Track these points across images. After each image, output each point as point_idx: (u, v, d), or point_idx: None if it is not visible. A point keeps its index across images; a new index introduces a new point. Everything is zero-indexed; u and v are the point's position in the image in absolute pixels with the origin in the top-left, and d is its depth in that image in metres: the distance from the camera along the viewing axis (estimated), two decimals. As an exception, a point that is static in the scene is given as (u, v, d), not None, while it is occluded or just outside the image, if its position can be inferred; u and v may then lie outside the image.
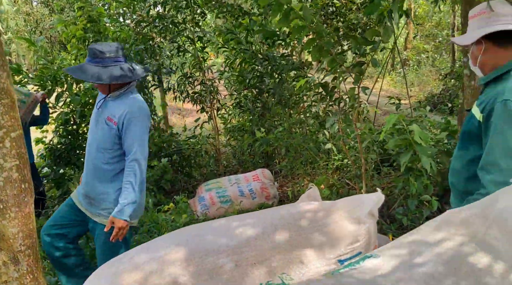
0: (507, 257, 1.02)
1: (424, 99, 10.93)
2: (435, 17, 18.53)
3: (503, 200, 1.10)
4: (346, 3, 7.01)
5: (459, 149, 1.83)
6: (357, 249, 1.58)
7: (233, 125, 6.40)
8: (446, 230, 1.16)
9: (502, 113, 1.52)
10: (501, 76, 1.67)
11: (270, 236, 1.55)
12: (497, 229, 1.06)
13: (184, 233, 1.67)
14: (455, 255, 1.07)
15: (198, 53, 5.62)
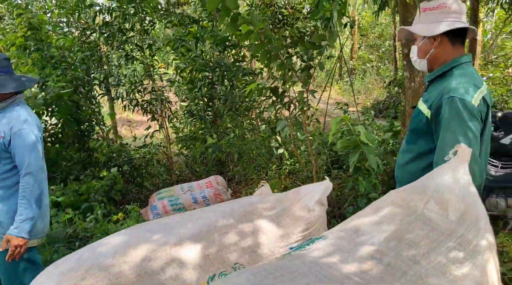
0: (443, 227, 1.09)
1: (370, 106, 11.37)
2: (377, 28, 19.42)
3: (438, 176, 1.18)
4: (293, 12, 7.20)
5: (407, 143, 1.91)
6: (308, 237, 1.62)
7: (184, 134, 6.35)
8: (389, 208, 1.22)
9: (449, 109, 1.60)
10: (445, 73, 1.77)
11: (223, 228, 1.56)
12: (434, 203, 1.13)
13: (134, 231, 1.64)
14: (397, 229, 1.13)
15: (147, 61, 5.54)
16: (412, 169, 1.84)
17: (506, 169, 4.01)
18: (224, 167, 5.74)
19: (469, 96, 1.61)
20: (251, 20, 3.17)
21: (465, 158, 1.18)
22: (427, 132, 1.75)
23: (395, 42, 13.27)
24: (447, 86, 1.67)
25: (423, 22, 1.82)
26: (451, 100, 1.61)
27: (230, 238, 1.54)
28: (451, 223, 1.10)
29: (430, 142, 1.71)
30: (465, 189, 1.14)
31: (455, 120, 1.58)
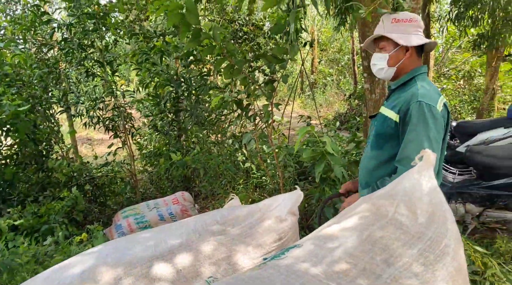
0: (413, 230, 1.13)
1: (332, 118, 11.62)
2: (336, 43, 19.99)
3: (407, 181, 1.22)
4: (254, 29, 7.32)
5: (374, 149, 1.97)
6: (282, 246, 1.62)
7: (149, 150, 6.25)
8: (361, 214, 1.24)
9: (416, 112, 1.71)
10: (408, 82, 1.90)
11: (195, 242, 1.53)
12: (403, 207, 1.17)
13: (104, 249, 1.59)
14: (370, 234, 1.15)
15: (109, 77, 5.43)
16: (381, 174, 1.90)
17: (463, 175, 4.19)
18: (190, 182, 5.68)
19: (434, 102, 1.74)
20: (213, 35, 3.19)
21: (430, 163, 1.23)
22: (394, 136, 1.84)
23: (354, 56, 13.70)
24: (414, 92, 1.78)
25: (394, 32, 1.90)
26: (419, 104, 1.71)
27: (203, 252, 1.52)
28: (421, 225, 1.13)
29: (397, 146, 1.80)
30: (431, 193, 1.19)
31: (421, 123, 1.69)
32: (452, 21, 8.70)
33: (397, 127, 1.80)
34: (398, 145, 1.80)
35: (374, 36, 1.96)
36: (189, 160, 4.83)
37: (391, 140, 1.84)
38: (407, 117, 1.74)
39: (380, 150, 1.91)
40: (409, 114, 1.73)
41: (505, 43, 8.64)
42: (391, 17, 1.92)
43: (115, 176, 5.54)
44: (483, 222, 3.83)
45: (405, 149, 1.72)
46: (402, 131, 1.77)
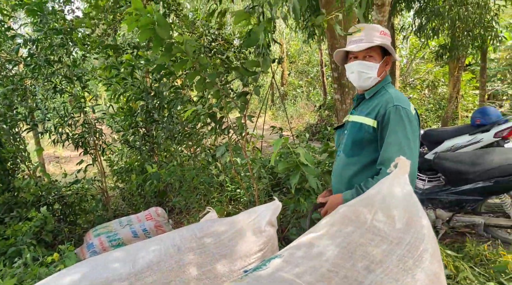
0: (392, 236, 1.15)
1: (303, 129, 11.76)
2: (305, 55, 20.34)
3: (384, 189, 1.25)
4: (223, 43, 7.36)
5: (350, 156, 2.01)
6: (262, 257, 1.61)
7: (120, 166, 6.13)
8: (340, 222, 1.26)
9: (394, 116, 1.80)
10: (379, 91, 2.00)
11: (174, 257, 1.51)
12: (381, 214, 1.20)
13: (79, 268, 1.54)
14: (350, 242, 1.17)
15: (77, 93, 5.32)
16: (362, 178, 1.94)
17: (432, 182, 4.32)
18: (164, 198, 5.60)
19: (408, 106, 1.84)
20: (186, 48, 3.19)
21: (405, 170, 1.26)
22: (372, 141, 1.90)
23: (323, 68, 13.96)
24: (389, 97, 1.86)
25: (385, 43, 1.98)
26: (396, 108, 1.80)
27: (182, 267, 1.50)
28: (399, 231, 1.16)
29: (375, 150, 1.85)
30: (407, 199, 1.22)
31: (399, 125, 1.77)
32: (415, 33, 9.02)
33: (375, 133, 1.87)
34: (377, 150, 1.86)
35: (371, 45, 1.97)
36: (164, 173, 4.77)
37: (369, 145, 1.90)
38: (384, 121, 1.82)
39: (359, 156, 1.96)
40: (387, 118, 1.81)
41: (465, 54, 9.01)
42: (378, 28, 2.00)
43: (85, 193, 5.40)
44: (453, 227, 3.94)
45: (386, 152, 1.78)
46: (380, 135, 1.84)
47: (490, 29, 8.36)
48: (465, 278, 3.01)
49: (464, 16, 7.91)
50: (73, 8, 6.54)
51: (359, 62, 1.99)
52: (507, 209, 3.67)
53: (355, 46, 1.97)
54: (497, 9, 8.65)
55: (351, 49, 1.98)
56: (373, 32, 1.98)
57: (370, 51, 1.98)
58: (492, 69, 13.67)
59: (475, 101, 12.75)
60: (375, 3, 3.22)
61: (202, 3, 16.82)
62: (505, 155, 3.58)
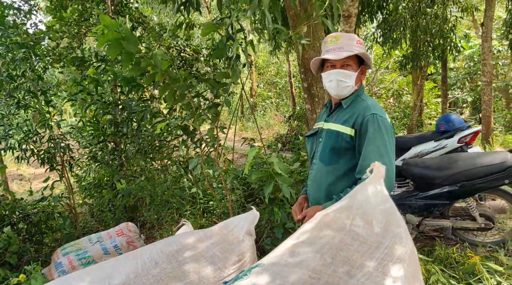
0: (370, 241, 1.17)
1: (274, 140, 11.82)
2: (273, 67, 20.56)
3: (361, 194, 1.27)
4: (192, 54, 7.37)
5: (327, 165, 2.01)
6: (241, 268, 1.60)
7: (88, 182, 5.97)
8: (319, 229, 1.27)
9: (372, 124, 1.82)
10: (355, 99, 2.02)
11: (151, 271, 1.48)
12: (359, 219, 1.22)
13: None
14: (330, 248, 1.19)
15: (42, 108, 5.17)
16: (341, 186, 1.94)
17: (401, 188, 4.42)
18: (134, 212, 5.48)
19: (386, 115, 1.88)
20: (155, 61, 3.18)
21: (380, 175, 1.29)
22: (349, 149, 1.91)
23: (291, 79, 14.14)
24: (366, 106, 1.89)
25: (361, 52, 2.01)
26: (374, 116, 1.83)
27: (160, 281, 1.46)
28: (377, 235, 1.18)
29: (353, 158, 1.87)
30: (384, 203, 1.25)
31: (377, 134, 1.80)
32: (378, 43, 9.30)
33: (353, 141, 1.88)
34: (354, 158, 1.88)
35: (351, 54, 1.97)
36: (135, 188, 4.68)
37: (346, 153, 1.91)
38: (362, 129, 1.84)
39: (336, 164, 1.96)
40: (365, 127, 1.83)
41: (427, 63, 9.35)
42: (355, 38, 2.02)
43: (52, 211, 5.22)
44: (423, 231, 4.04)
45: (365, 160, 1.79)
46: (358, 144, 1.86)
47: (449, 39, 8.72)
48: (436, 281, 3.08)
49: (424, 27, 8.23)
50: (36, 22, 6.41)
51: (338, 70, 1.98)
52: (472, 212, 3.80)
53: (334, 55, 1.95)
54: (455, 20, 9.05)
55: (330, 57, 1.96)
56: (351, 41, 1.99)
57: (348, 60, 1.98)
58: (452, 78, 14.23)
59: (437, 108, 13.20)
60: (342, 15, 3.30)
61: (169, 16, 16.78)
62: (469, 160, 3.72)
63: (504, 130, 11.07)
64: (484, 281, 3.02)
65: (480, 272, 3.10)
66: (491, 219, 3.80)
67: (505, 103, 12.81)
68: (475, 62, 13.24)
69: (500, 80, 12.82)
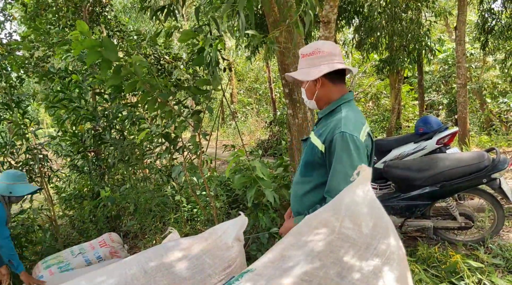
0: (360, 242, 1.19)
1: (256, 145, 11.84)
2: (252, 73, 20.65)
3: (347, 196, 1.30)
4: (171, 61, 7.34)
5: (303, 175, 2.00)
6: (231, 273, 1.60)
7: (68, 193, 5.86)
8: (309, 232, 1.29)
9: (340, 143, 1.75)
10: (334, 110, 1.94)
11: (140, 280, 1.46)
12: (348, 220, 1.24)
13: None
14: (320, 250, 1.20)
15: (18, 120, 5.06)
16: (310, 200, 1.92)
17: (383, 190, 4.49)
18: (116, 222, 5.40)
19: (357, 132, 1.80)
20: (135, 69, 3.16)
21: (367, 177, 1.32)
22: (322, 164, 1.87)
23: (271, 84, 14.21)
24: (338, 122, 1.82)
25: (304, 67, 1.96)
26: (342, 135, 1.76)
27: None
28: (366, 236, 1.20)
29: (325, 174, 1.83)
30: (371, 204, 1.27)
31: (344, 153, 1.74)
32: (356, 47, 9.45)
33: (324, 157, 1.86)
34: (326, 174, 1.84)
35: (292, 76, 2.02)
36: (118, 196, 4.62)
37: (319, 168, 1.89)
38: (331, 147, 1.79)
39: (309, 177, 1.95)
40: (333, 145, 1.78)
41: (403, 67, 9.55)
42: (303, 52, 2.00)
43: (32, 224, 5.10)
44: (405, 232, 4.10)
45: (332, 180, 1.76)
46: (328, 161, 1.83)
47: (424, 43, 8.92)
48: (420, 280, 3.13)
49: (399, 31, 8.41)
50: (11, 32, 6.29)
51: (302, 89, 2.04)
52: (453, 212, 3.88)
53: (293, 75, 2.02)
54: (429, 24, 9.28)
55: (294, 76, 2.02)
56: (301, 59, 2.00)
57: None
58: (428, 81, 14.54)
59: (415, 111, 13.46)
60: (321, 21, 3.35)
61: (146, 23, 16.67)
62: (448, 161, 3.81)
63: (479, 131, 11.37)
64: (465, 279, 3.08)
65: (462, 270, 3.16)
66: (471, 218, 3.88)
67: (479, 104, 13.16)
68: (449, 65, 13.58)
69: (473, 82, 13.18)
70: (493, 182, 3.65)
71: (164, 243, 1.83)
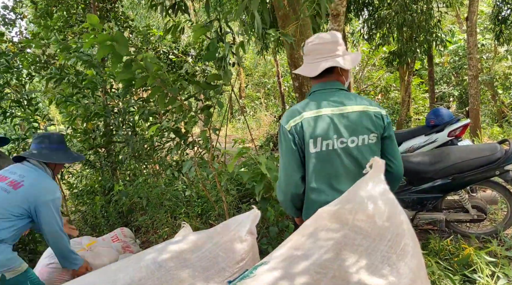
0: (374, 234, 1.19)
1: (265, 140, 11.84)
2: (260, 67, 20.60)
3: (360, 188, 1.29)
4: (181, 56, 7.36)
5: None
6: (245, 267, 1.61)
7: (80, 189, 5.92)
8: (322, 225, 1.29)
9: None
10: None
11: (155, 274, 1.48)
12: (361, 213, 1.23)
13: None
14: (334, 243, 1.20)
15: (29, 117, 5.11)
16: None
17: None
18: (128, 217, 5.45)
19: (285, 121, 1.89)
20: (146, 64, 3.16)
21: (380, 169, 1.31)
22: None
23: (279, 79, 14.17)
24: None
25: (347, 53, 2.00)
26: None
27: (165, 283, 1.46)
28: (380, 229, 1.20)
29: None
30: (384, 197, 1.27)
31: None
32: (365, 40, 9.37)
33: None
34: None
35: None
36: (131, 190, 4.67)
37: None
38: None
39: None
40: None
41: (414, 59, 9.45)
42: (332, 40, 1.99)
43: (45, 219, 5.16)
44: (416, 225, 4.08)
45: None
46: None
47: (434, 35, 8.82)
48: (432, 273, 3.11)
49: (409, 22, 8.31)
50: (22, 30, 6.35)
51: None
52: (465, 204, 3.85)
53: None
54: (440, 15, 9.16)
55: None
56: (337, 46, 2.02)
57: None
58: (438, 73, 14.39)
59: (425, 103, 13.33)
60: (330, 13, 3.33)
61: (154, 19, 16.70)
62: (459, 153, 3.77)
63: (491, 122, 11.24)
64: (478, 272, 3.06)
65: (475, 263, 3.14)
66: (483, 211, 3.85)
67: (491, 95, 12.99)
68: (460, 57, 13.42)
69: (485, 73, 13.01)
70: (505, 174, 3.61)
71: (177, 237, 1.85)
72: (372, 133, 1.83)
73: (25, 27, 7.08)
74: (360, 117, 1.84)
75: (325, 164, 1.78)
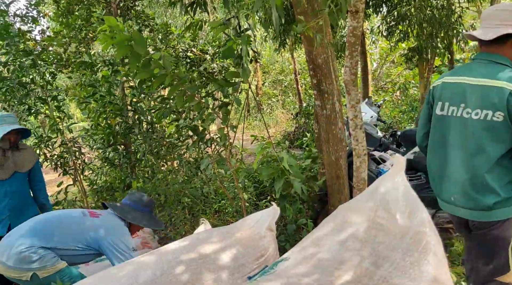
0: (395, 231, 1.18)
1: (282, 137, 11.81)
2: (277, 65, 20.56)
3: (383, 186, 1.29)
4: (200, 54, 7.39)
5: None
6: (264, 263, 1.62)
7: (100, 185, 6.02)
8: (343, 222, 1.29)
9: None
10: None
11: (176, 268, 1.50)
12: (382, 210, 1.23)
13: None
14: (355, 240, 1.20)
15: (53, 114, 5.23)
16: None
17: (413, 181, 4.41)
18: (146, 214, 5.52)
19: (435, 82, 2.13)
20: (164, 63, 3.19)
21: (401, 167, 1.31)
22: None
23: (297, 76, 14.11)
24: None
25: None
26: None
27: (186, 278, 1.49)
28: (401, 226, 1.20)
29: None
30: (406, 194, 1.26)
31: None
32: (384, 36, 9.25)
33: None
34: None
35: None
36: (149, 187, 4.73)
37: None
38: None
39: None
40: None
41: (434, 55, 9.28)
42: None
43: (66, 215, 5.27)
44: (436, 223, 4.02)
45: None
46: None
47: (456, 31, 8.64)
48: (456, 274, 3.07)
49: (429, 18, 8.16)
50: (44, 29, 6.47)
51: None
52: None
53: None
54: (461, 11, 8.97)
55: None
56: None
57: None
58: (459, 70, 14.09)
59: (445, 100, 13.07)
60: (349, 10, 3.29)
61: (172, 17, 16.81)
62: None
63: None
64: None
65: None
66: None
67: None
68: (482, 53, 13.10)
69: (507, 70, 12.68)
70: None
71: (196, 233, 1.87)
72: (498, 111, 1.76)
73: (47, 26, 7.21)
74: (490, 91, 1.80)
75: (443, 128, 1.96)
